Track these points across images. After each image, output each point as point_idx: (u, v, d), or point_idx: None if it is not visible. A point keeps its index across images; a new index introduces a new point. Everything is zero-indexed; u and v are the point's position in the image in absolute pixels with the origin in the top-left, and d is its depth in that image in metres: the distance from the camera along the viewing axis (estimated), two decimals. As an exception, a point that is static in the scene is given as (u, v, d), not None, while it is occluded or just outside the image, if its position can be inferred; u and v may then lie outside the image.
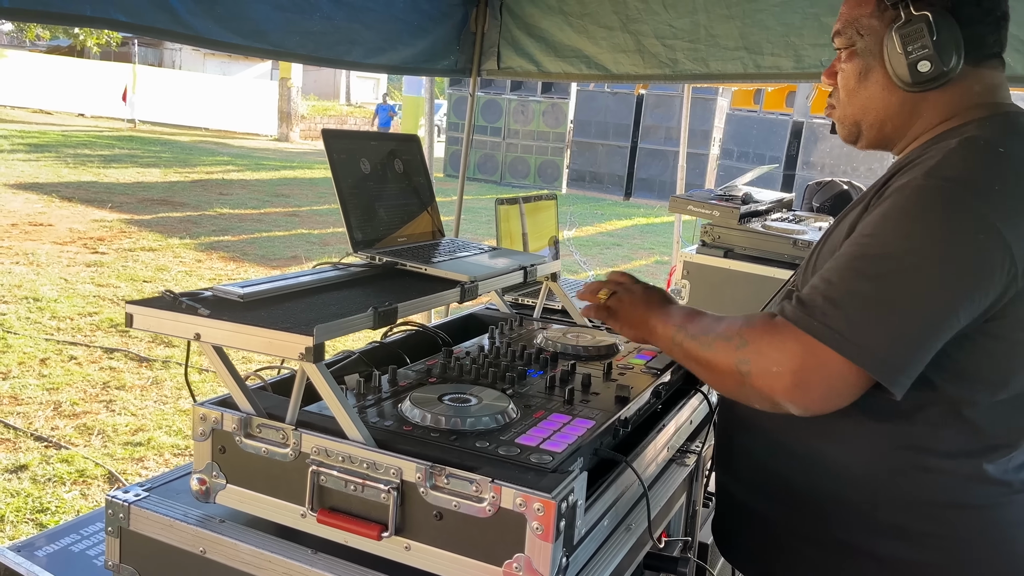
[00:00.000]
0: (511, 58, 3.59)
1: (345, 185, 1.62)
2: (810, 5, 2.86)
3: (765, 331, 1.10)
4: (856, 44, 1.24)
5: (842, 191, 4.68)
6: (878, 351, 1.02)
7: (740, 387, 1.12)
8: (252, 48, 2.83)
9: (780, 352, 1.06)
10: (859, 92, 1.25)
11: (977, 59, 1.18)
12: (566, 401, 1.31)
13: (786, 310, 1.09)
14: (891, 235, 1.06)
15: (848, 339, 1.02)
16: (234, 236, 9.02)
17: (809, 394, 1.06)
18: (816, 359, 1.04)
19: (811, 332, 1.04)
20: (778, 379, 1.06)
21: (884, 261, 1.05)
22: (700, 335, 1.19)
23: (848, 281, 1.06)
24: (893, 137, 1.27)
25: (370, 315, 1.22)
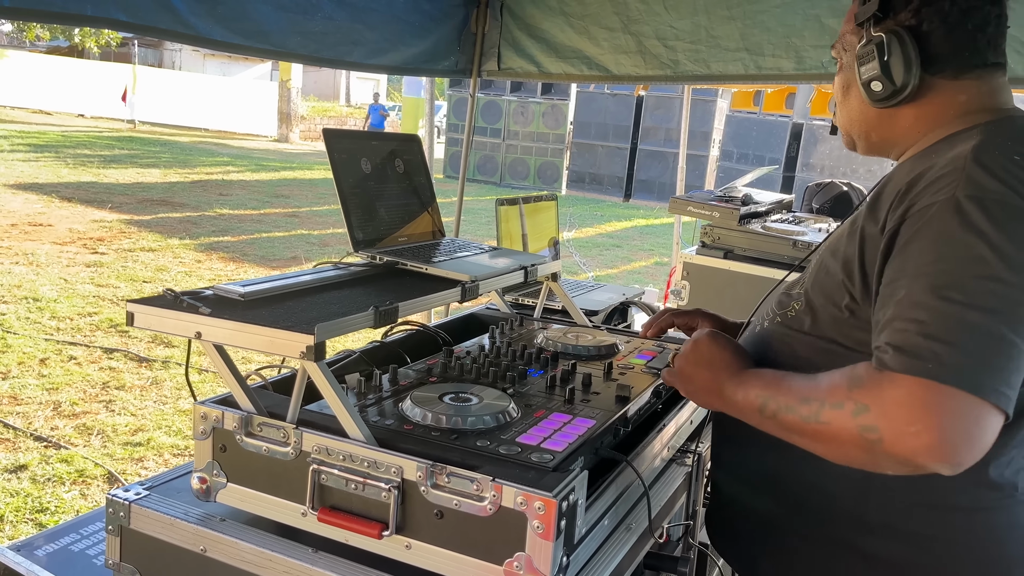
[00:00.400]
0: (512, 59, 3.59)
1: (346, 185, 1.62)
2: (811, 7, 2.86)
3: (881, 389, 0.97)
4: (842, 58, 1.29)
5: (842, 192, 4.69)
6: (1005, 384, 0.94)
7: (870, 455, 0.98)
8: (254, 48, 2.83)
9: (909, 409, 0.94)
10: (844, 105, 1.30)
11: (957, 71, 1.17)
12: (567, 400, 1.31)
13: (888, 362, 0.98)
14: (961, 256, 0.99)
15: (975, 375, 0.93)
16: (234, 237, 9.03)
17: (958, 446, 0.93)
18: (951, 405, 0.93)
19: (932, 376, 0.93)
20: (918, 439, 0.93)
21: (976, 287, 0.97)
22: (798, 405, 1.06)
23: (943, 313, 0.97)
24: (881, 145, 1.28)
25: (371, 314, 1.22)
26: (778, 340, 1.27)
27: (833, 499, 1.19)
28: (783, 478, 1.24)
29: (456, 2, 3.48)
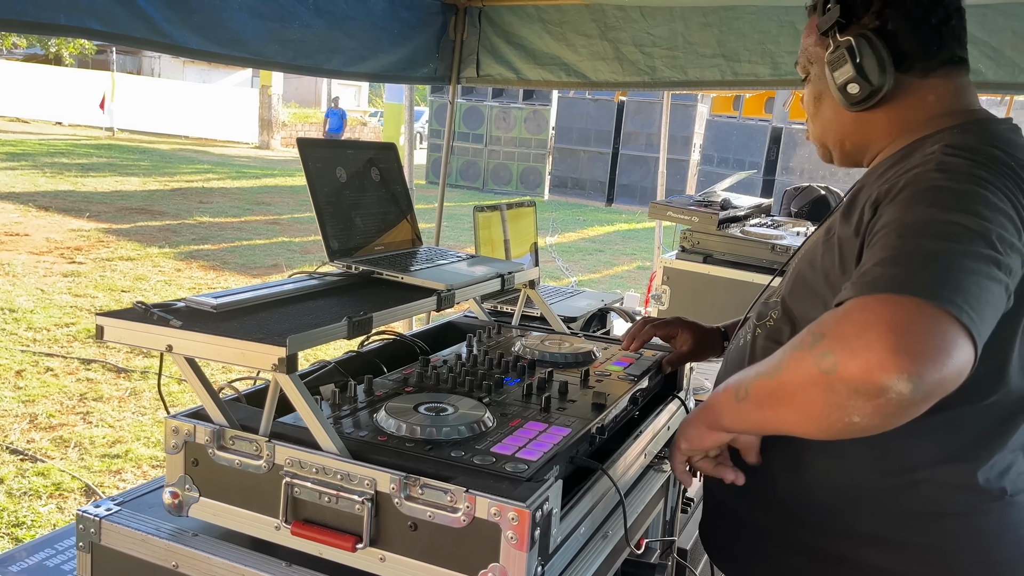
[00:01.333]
0: (490, 66, 3.60)
1: (321, 194, 1.61)
2: (785, 14, 2.89)
3: (834, 318, 0.94)
4: (809, 71, 1.31)
5: (819, 196, 4.72)
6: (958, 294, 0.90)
7: (831, 392, 0.91)
8: (230, 57, 2.81)
9: (862, 322, 0.90)
10: (817, 115, 1.31)
11: (924, 70, 1.19)
12: (543, 409, 1.31)
13: (846, 293, 0.96)
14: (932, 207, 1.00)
15: (925, 284, 0.90)
16: (214, 245, 8.97)
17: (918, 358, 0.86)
18: (907, 314, 0.88)
19: (885, 289, 0.91)
20: (873, 352, 0.87)
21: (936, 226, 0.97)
22: (763, 368, 1.04)
23: (906, 246, 0.96)
24: (856, 153, 1.30)
25: (344, 325, 1.21)
26: (760, 351, 1.27)
27: (826, 511, 1.19)
28: (776, 490, 1.24)
29: (434, 9, 3.48)
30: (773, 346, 1.24)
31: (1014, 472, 1.16)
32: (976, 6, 2.48)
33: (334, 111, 21.70)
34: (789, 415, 1.00)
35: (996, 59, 2.53)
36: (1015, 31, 2.48)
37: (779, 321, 1.25)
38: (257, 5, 2.79)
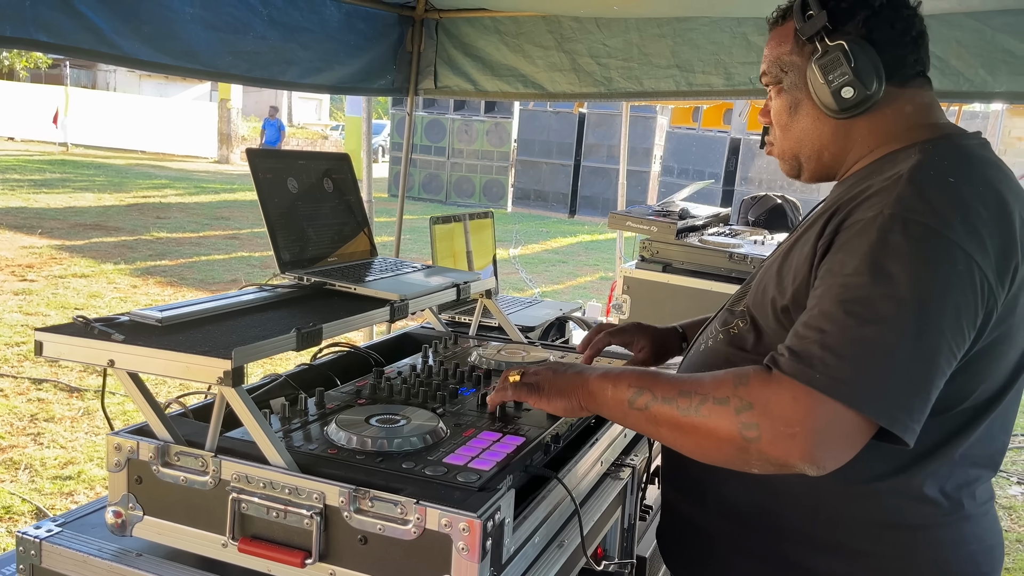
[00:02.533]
0: (448, 77, 3.60)
1: (271, 205, 1.59)
2: (738, 25, 2.93)
3: (768, 390, 1.00)
4: (782, 81, 1.27)
5: (776, 205, 4.79)
6: (891, 401, 0.98)
7: (742, 453, 1.01)
8: (182, 69, 2.77)
9: (793, 413, 0.98)
10: (792, 126, 1.28)
11: (901, 80, 1.20)
12: (497, 418, 1.30)
13: (782, 364, 1.01)
14: (876, 274, 1.01)
15: (860, 391, 0.97)
16: (171, 260, 8.82)
17: (827, 453, 0.98)
18: (830, 416, 0.97)
19: (818, 387, 0.97)
20: (794, 441, 0.97)
21: (878, 303, 1.00)
22: (678, 397, 1.07)
23: (844, 327, 1.00)
24: (832, 165, 1.28)
25: (293, 336, 1.19)
26: (722, 358, 1.27)
27: (783, 518, 1.20)
28: (734, 497, 1.24)
29: (391, 21, 3.48)
30: (736, 353, 1.25)
31: (974, 487, 1.18)
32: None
33: (271, 122, 20.31)
34: (685, 444, 1.09)
35: (942, 68, 2.59)
36: (959, 41, 2.55)
37: (744, 330, 1.25)
38: (210, 16, 2.76)
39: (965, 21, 2.54)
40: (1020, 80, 2.49)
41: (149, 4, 2.54)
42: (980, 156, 1.16)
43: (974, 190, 1.08)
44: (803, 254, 1.15)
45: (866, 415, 0.97)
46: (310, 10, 3.11)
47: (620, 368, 1.19)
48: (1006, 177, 1.15)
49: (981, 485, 1.19)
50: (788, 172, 1.33)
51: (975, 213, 1.05)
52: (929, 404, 1.01)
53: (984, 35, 2.52)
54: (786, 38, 1.27)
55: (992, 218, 1.05)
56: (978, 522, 1.19)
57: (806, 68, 1.22)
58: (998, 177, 1.13)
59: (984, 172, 1.13)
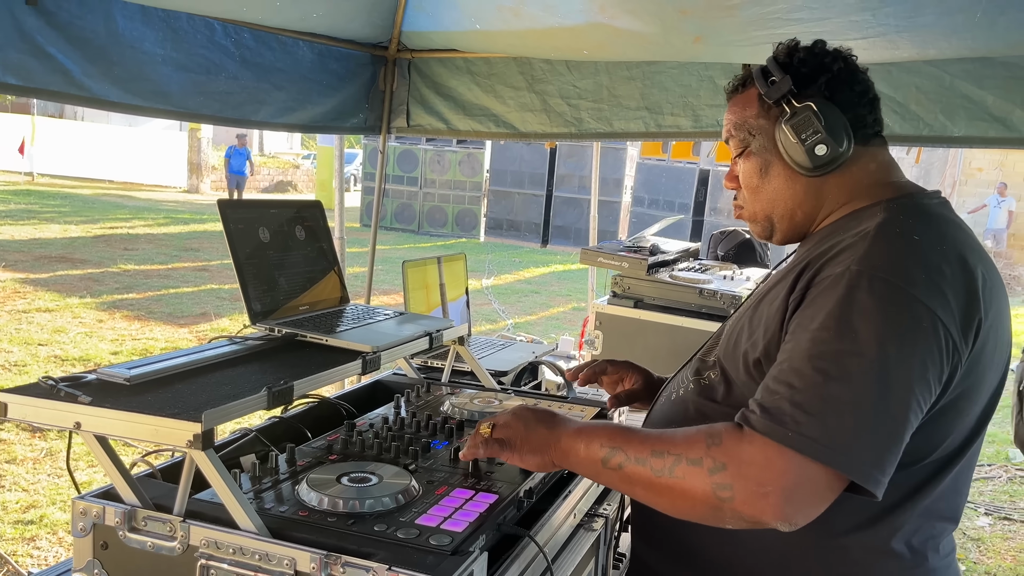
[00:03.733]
0: (420, 116, 3.62)
1: (242, 255, 1.58)
2: (705, 69, 3.00)
3: (740, 450, 1.03)
4: (750, 144, 1.29)
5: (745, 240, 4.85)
6: (861, 457, 1.01)
7: (715, 512, 1.04)
8: (153, 110, 2.77)
9: (765, 472, 1.01)
10: (763, 188, 1.29)
11: (864, 139, 1.25)
12: (470, 474, 1.29)
13: (753, 421, 1.04)
14: (843, 330, 1.04)
15: (830, 448, 1.00)
16: (139, 294, 8.70)
17: (800, 511, 1.01)
18: (803, 474, 1.00)
19: (790, 445, 1.00)
20: (767, 500, 1.00)
21: (845, 359, 1.03)
22: (651, 458, 1.09)
23: (813, 383, 1.03)
24: (804, 223, 1.30)
25: (264, 396, 1.18)
26: (693, 408, 1.29)
27: (753, 572, 1.21)
28: (704, 551, 1.25)
29: (363, 61, 3.50)
30: (706, 403, 1.26)
31: (938, 540, 1.20)
32: (881, 64, 2.62)
33: (239, 151, 18.97)
34: (659, 503, 1.11)
35: (902, 113, 2.66)
36: (918, 87, 2.62)
37: (715, 381, 1.27)
38: (181, 58, 2.76)
39: (924, 68, 2.62)
40: (978, 125, 2.57)
41: (119, 46, 2.54)
42: (941, 215, 1.20)
43: (937, 249, 1.12)
44: (774, 308, 1.17)
45: (837, 471, 1.00)
46: (283, 51, 3.13)
47: (592, 424, 1.20)
48: (967, 236, 1.19)
49: (944, 538, 1.22)
50: (760, 234, 1.35)
51: (938, 271, 1.08)
52: (897, 457, 1.03)
53: (943, 81, 2.59)
54: (749, 103, 1.30)
55: (955, 276, 1.09)
56: (942, 574, 1.21)
57: (775, 130, 1.25)
58: (959, 237, 1.17)
59: (946, 231, 1.17)
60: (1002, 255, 15.28)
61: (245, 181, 19.13)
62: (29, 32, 2.31)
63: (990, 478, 5.14)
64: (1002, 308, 1.16)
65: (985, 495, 4.89)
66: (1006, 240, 15.91)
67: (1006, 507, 4.70)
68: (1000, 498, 4.86)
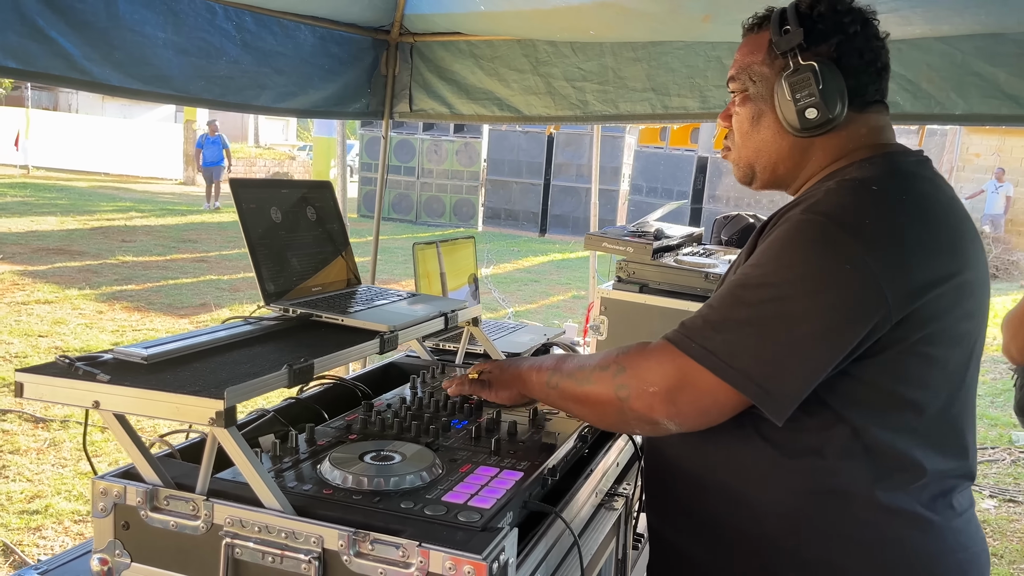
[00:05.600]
0: (423, 100, 3.59)
1: (255, 235, 1.56)
2: (712, 49, 2.97)
3: (642, 355, 1.15)
4: (749, 89, 1.29)
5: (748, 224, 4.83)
6: (751, 374, 1.08)
7: (620, 414, 1.16)
8: (154, 94, 2.74)
9: (656, 372, 1.12)
10: (752, 135, 1.30)
11: (861, 105, 1.24)
12: (492, 452, 1.28)
13: (669, 334, 1.14)
14: (769, 265, 1.12)
15: (721, 360, 1.08)
16: (138, 285, 8.66)
17: (683, 411, 1.12)
18: (690, 378, 1.10)
19: (688, 352, 1.10)
20: (654, 397, 1.12)
21: (761, 289, 1.10)
22: (576, 371, 1.23)
23: (728, 307, 1.12)
24: (786, 178, 1.32)
25: (284, 373, 1.16)
26: None
27: (767, 538, 1.20)
28: (719, 524, 1.24)
29: (365, 45, 3.47)
30: None
31: (951, 497, 1.19)
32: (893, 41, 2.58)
33: (211, 139, 17.10)
34: (588, 415, 1.26)
35: (913, 92, 2.64)
36: (930, 65, 2.60)
37: None
38: (182, 42, 2.72)
39: (936, 45, 2.60)
40: (990, 102, 2.54)
41: (120, 30, 2.50)
42: (911, 172, 1.21)
43: (896, 198, 1.14)
44: (739, 262, 1.24)
45: (724, 382, 1.08)
46: (284, 35, 3.09)
47: (545, 357, 1.35)
48: (937, 191, 1.20)
49: (959, 493, 1.21)
50: (740, 179, 1.37)
51: (887, 220, 1.11)
52: (801, 388, 1.09)
53: (955, 59, 2.57)
54: (760, 47, 1.29)
55: (910, 227, 1.11)
56: (961, 530, 1.20)
57: (775, 82, 1.25)
58: (926, 190, 1.18)
59: (912, 184, 1.18)
60: (1000, 240, 15.28)
61: (222, 172, 17.15)
62: (30, 15, 2.28)
63: (994, 461, 5.15)
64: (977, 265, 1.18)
65: (989, 478, 4.89)
66: (1003, 225, 15.90)
67: (1011, 489, 4.70)
68: (1004, 480, 4.86)
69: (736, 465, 1.20)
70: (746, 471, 1.20)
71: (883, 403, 1.14)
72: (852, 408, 1.13)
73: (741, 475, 1.20)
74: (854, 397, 1.12)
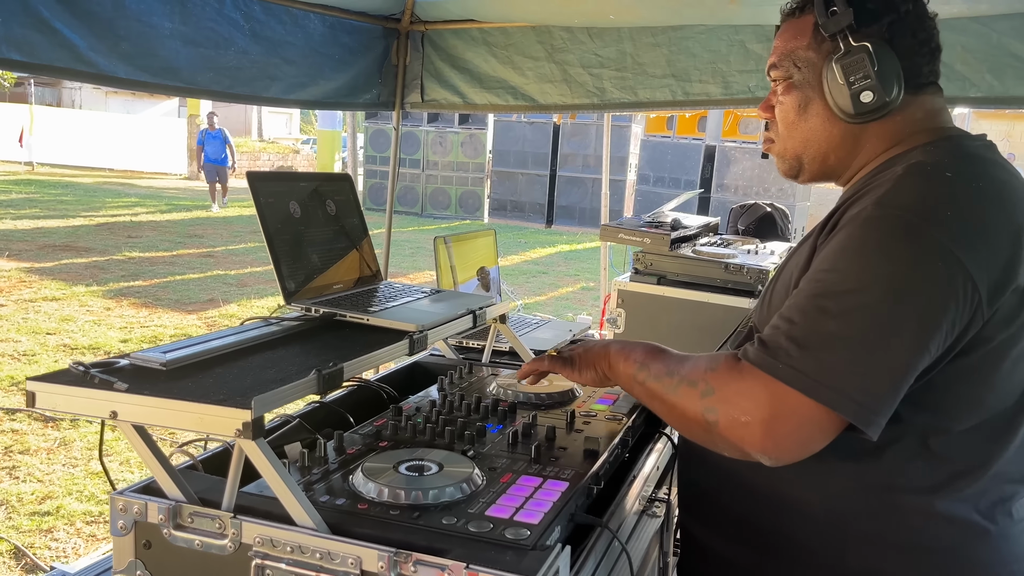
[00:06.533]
0: (435, 90, 3.51)
1: (274, 231, 1.48)
2: (735, 32, 2.87)
3: (731, 377, 1.04)
4: (794, 76, 1.22)
5: (766, 213, 4.76)
6: (851, 393, 0.97)
7: (707, 435, 1.06)
8: (162, 86, 2.67)
9: (748, 400, 1.01)
10: (800, 125, 1.23)
11: (916, 88, 1.17)
12: (533, 460, 1.20)
13: (749, 353, 1.03)
14: (851, 269, 1.01)
15: (818, 382, 0.97)
16: (145, 281, 8.60)
17: (781, 444, 1.00)
18: (786, 406, 0.98)
19: (778, 376, 0.99)
20: (747, 429, 1.00)
21: (847, 297, 1.00)
22: (664, 376, 1.13)
23: (812, 320, 1.00)
24: (837, 168, 1.25)
25: (314, 379, 1.09)
26: None
27: (810, 544, 1.13)
28: (758, 527, 1.18)
29: (376, 34, 3.38)
30: None
31: (1010, 504, 1.12)
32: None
33: (212, 134, 15.53)
34: (674, 424, 1.17)
35: (947, 74, 2.55)
36: (964, 46, 2.51)
37: None
38: (190, 32, 2.65)
39: (971, 26, 2.51)
40: (1026, 84, 2.46)
41: (127, 20, 2.43)
42: (982, 156, 1.13)
43: (973, 186, 1.06)
44: (800, 261, 1.14)
45: (824, 405, 0.97)
46: (293, 24, 3.02)
47: (636, 344, 1.23)
48: (1012, 177, 1.11)
49: (1018, 501, 1.13)
50: (785, 172, 1.29)
51: (968, 210, 1.02)
52: (895, 399, 0.99)
53: (990, 40, 2.48)
54: (803, 32, 1.21)
55: (992, 216, 1.03)
56: (1016, 541, 1.12)
57: (823, 66, 1.18)
58: (1002, 177, 1.10)
59: (985, 170, 1.10)
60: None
61: (227, 172, 15.59)
62: (34, 5, 2.21)
63: None
64: None
65: None
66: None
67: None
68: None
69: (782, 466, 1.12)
70: (792, 472, 1.12)
71: (955, 406, 1.07)
72: (922, 411, 1.05)
73: (786, 476, 1.13)
74: (926, 399, 1.04)
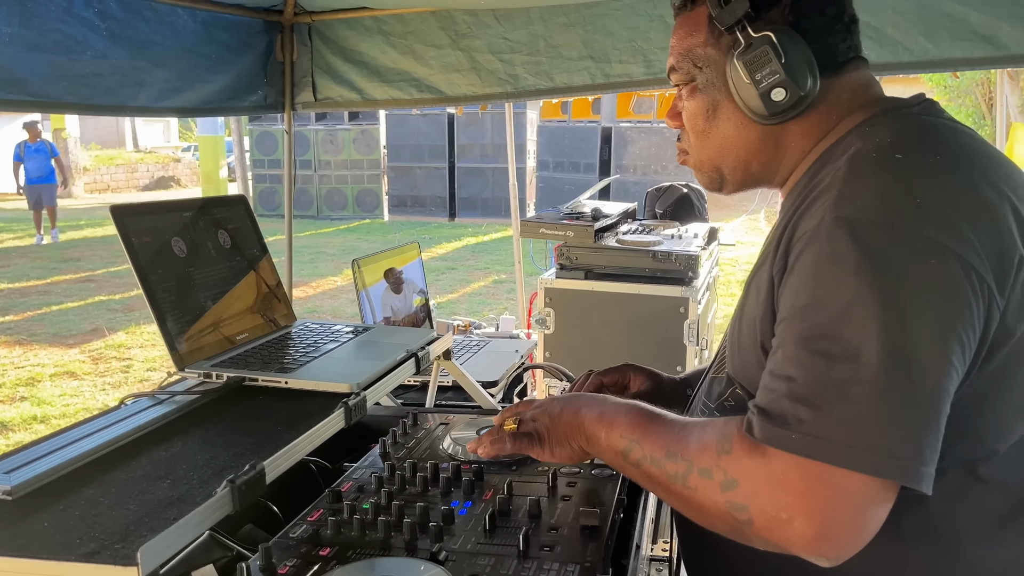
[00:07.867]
0: (329, 87, 3.18)
1: (154, 279, 1.17)
2: (653, 7, 2.68)
3: (753, 464, 0.82)
4: (696, 79, 1.06)
5: (683, 195, 4.68)
6: (892, 448, 0.77)
7: (740, 535, 0.85)
8: (7, 101, 2.25)
9: (782, 493, 0.80)
10: (711, 132, 1.07)
11: (835, 69, 1.01)
12: (522, 554, 0.94)
13: (755, 429, 0.83)
14: (834, 297, 0.82)
15: (851, 447, 0.77)
16: (17, 315, 7.83)
17: (837, 537, 0.79)
18: (828, 487, 0.78)
19: (801, 452, 0.79)
20: (790, 528, 0.79)
21: (843, 335, 0.80)
22: (665, 460, 0.91)
23: (812, 370, 0.81)
24: (764, 174, 1.08)
25: (226, 495, 0.79)
26: None
27: None
28: None
29: (256, 28, 3.02)
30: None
31: None
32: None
33: (34, 148, 12.87)
34: (687, 512, 0.92)
35: (879, 39, 2.42)
36: (895, 9, 2.38)
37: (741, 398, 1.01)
38: (33, 36, 2.24)
39: (900, -14, 2.38)
40: (962, 45, 2.35)
41: (-48, 25, 2.01)
42: (927, 122, 0.96)
43: (927, 160, 0.87)
44: (760, 297, 0.94)
45: (865, 474, 0.77)
46: (159, 21, 2.62)
47: (615, 407, 1.02)
48: (964, 135, 0.94)
49: None
50: (707, 185, 1.12)
51: (933, 189, 0.84)
52: (939, 435, 0.80)
53: (921, 0, 2.36)
54: (698, 27, 1.04)
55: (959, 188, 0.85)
56: None
57: (725, 64, 1.01)
58: (956, 140, 0.93)
59: (937, 137, 0.93)
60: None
61: (55, 192, 13.10)
62: None
63: None
64: None
65: None
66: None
67: None
68: None
69: None
70: None
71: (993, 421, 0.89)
72: (957, 439, 0.85)
73: None
74: (958, 422, 0.83)
